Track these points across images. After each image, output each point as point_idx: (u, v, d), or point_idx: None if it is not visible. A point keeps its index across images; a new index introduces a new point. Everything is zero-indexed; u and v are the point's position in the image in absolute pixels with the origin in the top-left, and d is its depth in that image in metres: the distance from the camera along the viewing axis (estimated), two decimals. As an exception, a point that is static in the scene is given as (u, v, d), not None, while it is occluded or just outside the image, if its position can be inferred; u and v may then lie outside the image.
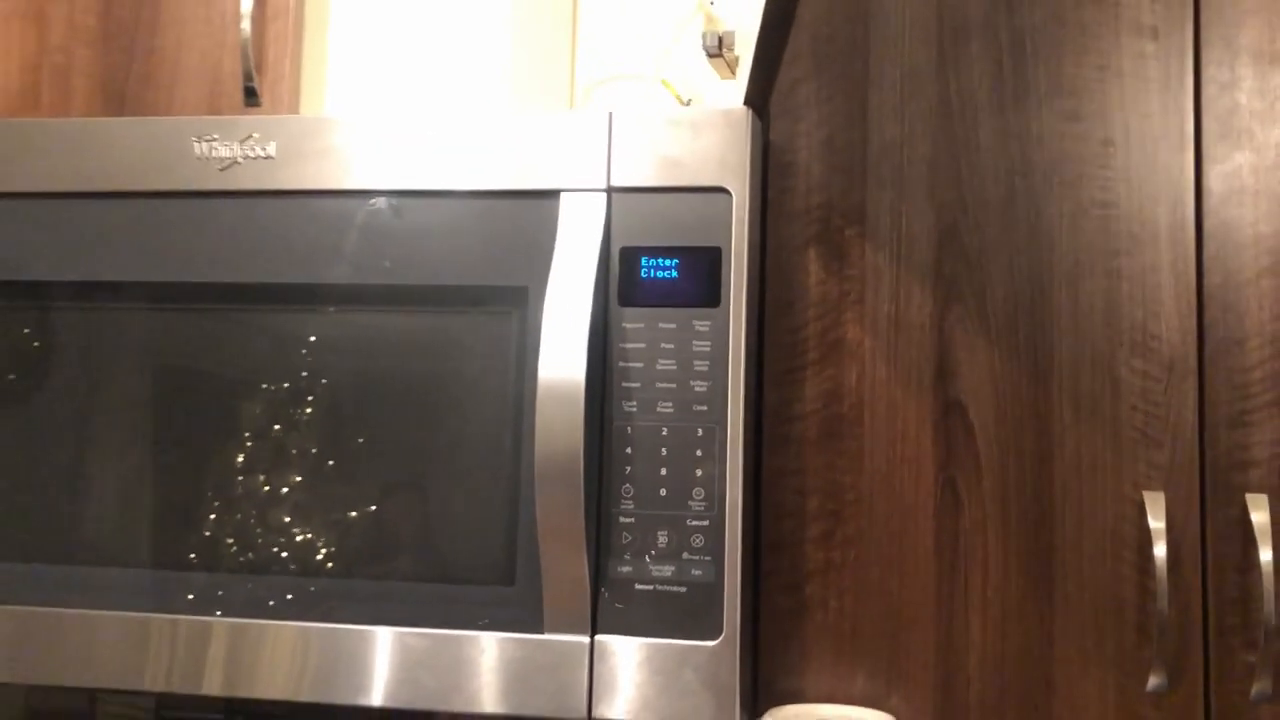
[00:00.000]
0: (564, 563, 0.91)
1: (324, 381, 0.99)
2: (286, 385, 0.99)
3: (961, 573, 0.99)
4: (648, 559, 0.92)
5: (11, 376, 1.03)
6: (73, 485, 1.01)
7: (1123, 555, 0.97)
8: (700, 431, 0.93)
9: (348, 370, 0.98)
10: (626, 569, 0.93)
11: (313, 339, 0.99)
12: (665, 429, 0.93)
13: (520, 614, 0.93)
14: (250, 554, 0.98)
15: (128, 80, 1.15)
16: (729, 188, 0.94)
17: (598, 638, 0.92)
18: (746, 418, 0.94)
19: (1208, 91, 0.99)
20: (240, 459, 0.99)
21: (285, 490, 0.98)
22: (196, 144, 1.01)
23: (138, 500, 0.99)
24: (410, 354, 0.98)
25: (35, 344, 1.03)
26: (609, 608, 0.93)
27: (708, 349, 0.93)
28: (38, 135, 1.04)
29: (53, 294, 1.03)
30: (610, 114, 0.96)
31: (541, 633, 0.93)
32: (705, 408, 0.93)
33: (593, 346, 0.93)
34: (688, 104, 1.33)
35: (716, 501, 0.92)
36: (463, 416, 0.97)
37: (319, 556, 0.98)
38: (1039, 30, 1.02)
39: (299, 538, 0.97)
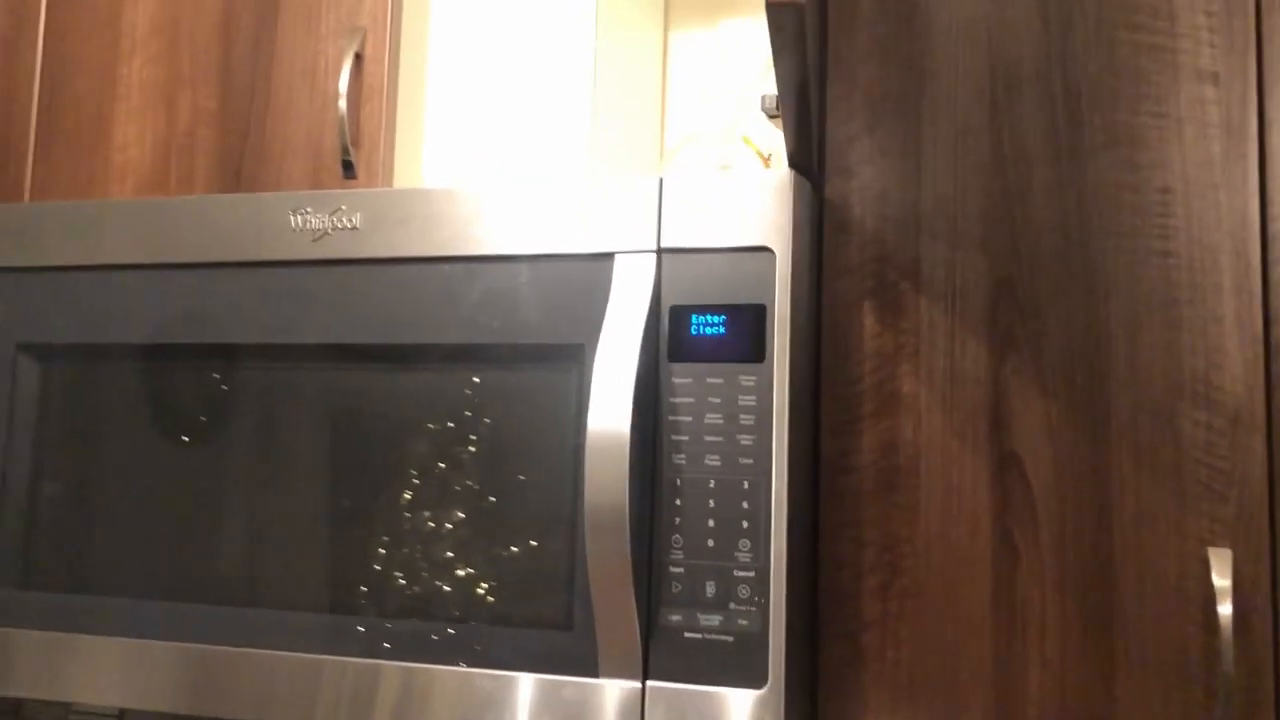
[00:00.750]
0: (616, 609, 0.95)
1: (399, 436, 1.06)
2: (370, 444, 1.07)
3: (1020, 626, 0.99)
4: (696, 607, 0.96)
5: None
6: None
7: (1188, 613, 0.94)
8: (746, 484, 0.96)
9: (417, 424, 1.05)
10: (676, 617, 0.96)
11: (389, 394, 1.07)
12: (713, 481, 0.96)
13: (577, 658, 0.98)
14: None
15: (243, 158, 1.26)
16: (772, 247, 0.97)
17: (649, 683, 0.96)
18: (791, 470, 0.96)
19: (1272, 136, 0.97)
20: (337, 507, 1.07)
21: (384, 540, 1.06)
22: (293, 217, 1.11)
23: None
24: (479, 409, 1.04)
25: (160, 402, 1.13)
26: (660, 654, 0.96)
27: (753, 403, 0.96)
28: (166, 212, 1.15)
29: (178, 355, 1.13)
30: (660, 179, 1.01)
31: (597, 676, 0.97)
32: (751, 460, 0.96)
33: (642, 401, 0.97)
34: (768, 158, 1.37)
35: (762, 552, 0.95)
36: (528, 467, 1.02)
37: (408, 603, 1.04)
38: (1094, 80, 1.02)
39: (403, 585, 1.05)
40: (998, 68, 1.05)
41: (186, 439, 1.12)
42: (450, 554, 1.03)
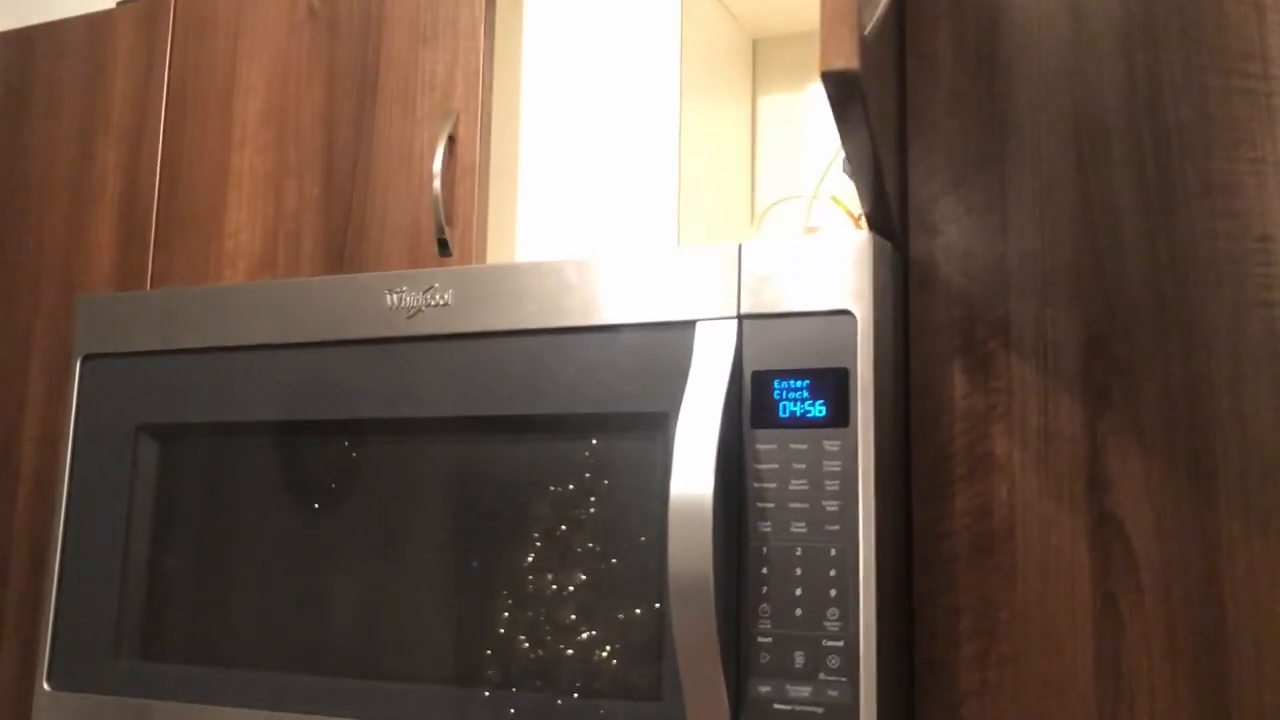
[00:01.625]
0: (703, 680, 0.94)
1: (484, 507, 1.08)
2: (455, 515, 1.09)
3: (1126, 698, 0.94)
4: (786, 678, 0.94)
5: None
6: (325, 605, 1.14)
7: (1310, 682, 0.89)
8: (833, 551, 0.94)
9: (507, 495, 1.07)
10: (766, 688, 0.95)
11: (480, 467, 1.09)
12: (799, 549, 0.95)
13: (668, 729, 0.97)
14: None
15: (345, 240, 1.31)
16: (853, 310, 0.97)
17: (740, 755, 0.95)
18: (879, 537, 0.94)
19: (1378, 177, 0.92)
20: (444, 580, 1.09)
21: (496, 613, 1.07)
22: (388, 295, 1.15)
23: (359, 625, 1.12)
24: (567, 478, 1.05)
25: (267, 477, 1.18)
26: (751, 725, 0.95)
27: (838, 468, 0.95)
28: (273, 294, 1.20)
29: (289, 430, 1.18)
30: (739, 246, 1.01)
31: (687, 748, 0.96)
32: (837, 527, 0.94)
33: (726, 468, 0.97)
34: (859, 218, 1.36)
35: (851, 621, 0.93)
36: (615, 539, 1.03)
37: (499, 674, 1.05)
38: (1185, 127, 0.99)
39: (489, 655, 1.06)
40: (1083, 119, 1.03)
41: (303, 511, 1.16)
42: (547, 630, 1.04)
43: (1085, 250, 1.01)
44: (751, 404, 0.99)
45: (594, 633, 1.02)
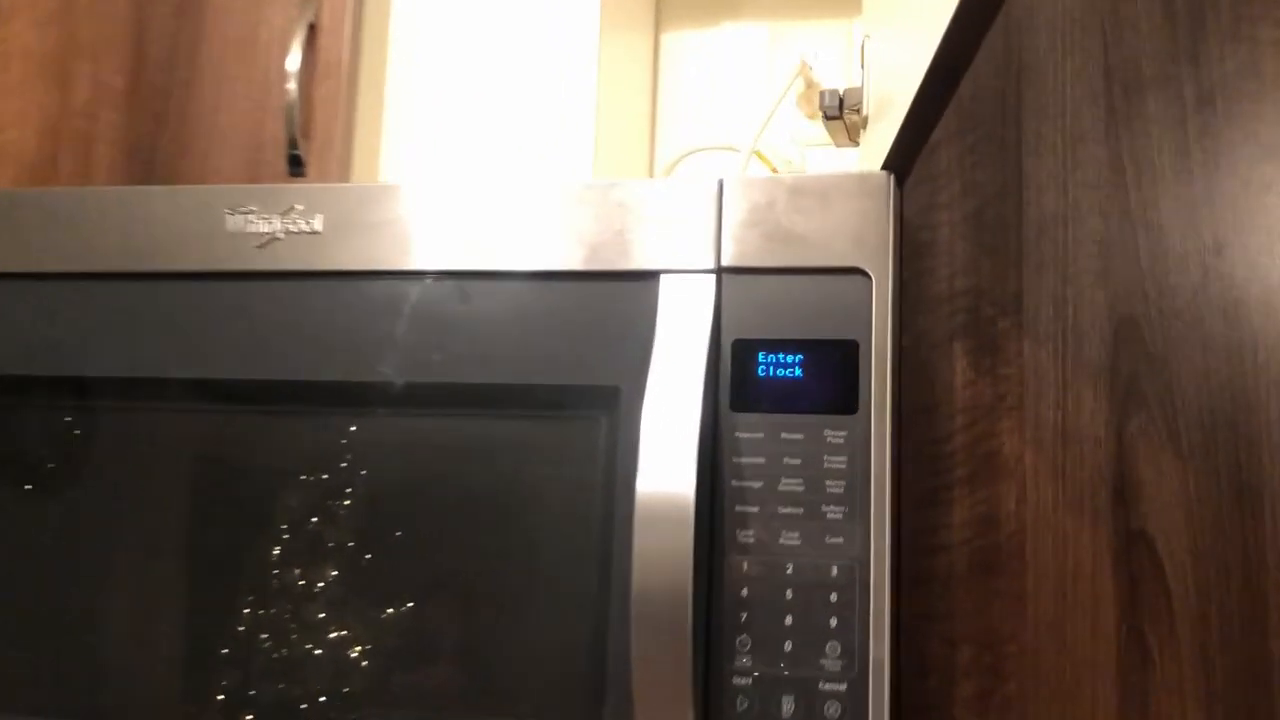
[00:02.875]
0: (665, 734, 0.72)
1: (369, 498, 0.82)
2: (325, 501, 0.82)
3: (1156, 749, 0.79)
4: (770, 731, 0.74)
5: (27, 485, 0.87)
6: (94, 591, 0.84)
7: (1364, 732, 0.76)
8: (835, 570, 0.75)
9: (397, 485, 0.82)
10: (742, 744, 0.74)
11: (355, 446, 0.83)
12: (790, 565, 0.75)
13: (607, 797, 0.75)
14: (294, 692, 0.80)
15: (156, 148, 1.01)
16: (868, 269, 0.77)
17: (707, 834, 0.73)
18: (897, 553, 0.75)
19: None
20: (259, 590, 0.82)
21: (317, 619, 0.81)
22: (230, 217, 0.86)
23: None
24: (475, 467, 0.81)
25: (40, 445, 0.87)
26: (720, 793, 0.74)
27: (843, 466, 0.75)
28: (55, 206, 0.89)
29: (58, 389, 0.87)
30: (721, 181, 0.80)
31: (636, 824, 0.74)
32: (841, 540, 0.75)
33: (700, 461, 0.75)
34: (787, 178, 1.17)
35: (857, 660, 0.74)
36: (537, 544, 0.79)
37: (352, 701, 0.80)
38: (1231, 84, 0.85)
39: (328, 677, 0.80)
40: (1114, 68, 0.88)
41: (95, 491, 0.86)
42: (432, 659, 0.79)
43: (1115, 218, 0.86)
44: (731, 381, 0.78)
45: (513, 662, 0.78)
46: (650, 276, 0.80)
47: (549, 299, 0.81)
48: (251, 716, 0.79)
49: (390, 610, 0.81)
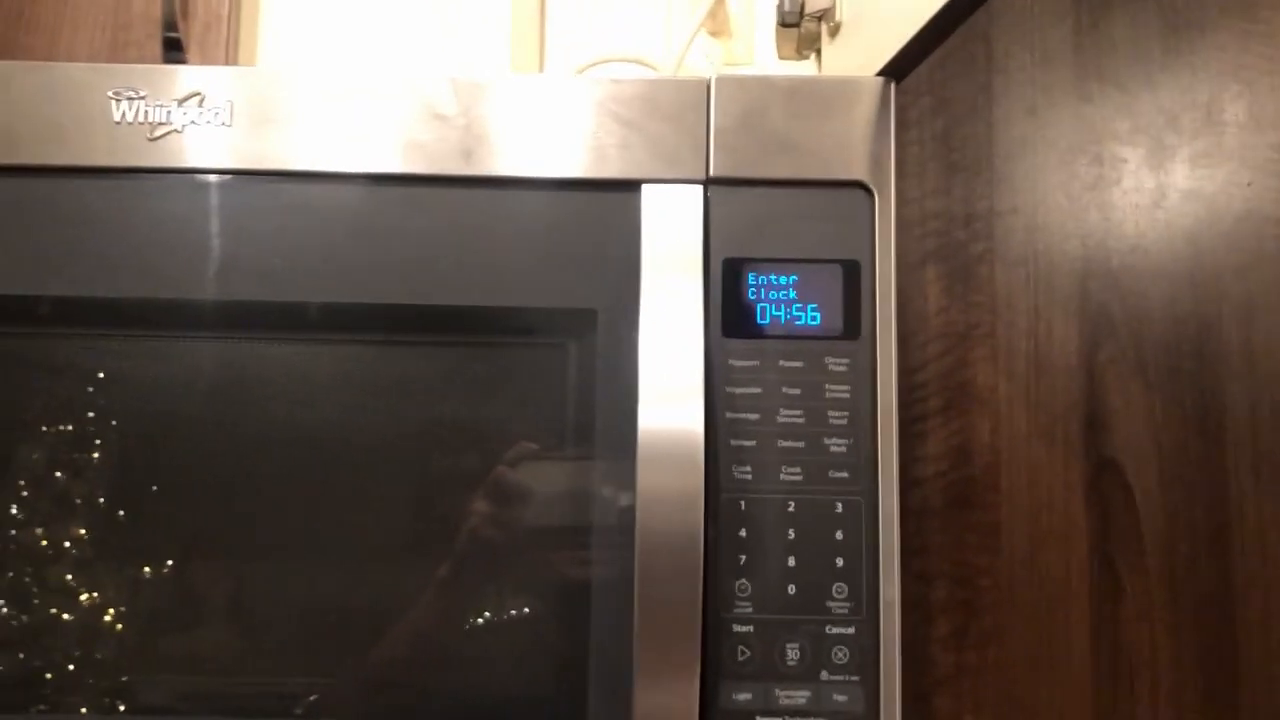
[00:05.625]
0: (666, 692, 0.66)
1: (301, 437, 0.70)
2: (246, 439, 0.70)
3: (1126, 675, 0.79)
4: (774, 680, 0.68)
5: None
6: None
7: (1318, 651, 0.79)
8: (840, 506, 0.69)
9: (334, 424, 0.71)
10: (745, 695, 0.68)
11: (272, 377, 0.71)
12: (792, 503, 0.69)
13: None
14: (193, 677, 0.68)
15: (-8, 21, 0.83)
16: (869, 184, 0.72)
17: (706, 793, 0.67)
18: (905, 486, 0.71)
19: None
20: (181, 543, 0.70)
21: (238, 585, 0.69)
22: (115, 103, 0.72)
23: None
24: (427, 402, 0.71)
25: None
26: (720, 750, 0.68)
27: (846, 396, 0.70)
28: None
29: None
30: (711, 80, 0.72)
31: (627, 787, 0.67)
32: (845, 474, 0.70)
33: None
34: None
35: (865, 600, 0.69)
36: (498, 490, 0.70)
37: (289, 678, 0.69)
38: (1196, 3, 0.84)
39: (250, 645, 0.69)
40: (1082, -16, 0.85)
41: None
42: (379, 619, 0.69)
43: (1083, 140, 0.84)
44: (723, 304, 0.71)
45: (475, 626, 0.69)
46: (630, 186, 0.71)
47: (507, 209, 0.72)
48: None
49: (329, 583, 0.70)
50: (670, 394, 0.66)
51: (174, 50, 0.82)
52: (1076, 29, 0.83)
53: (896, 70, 0.74)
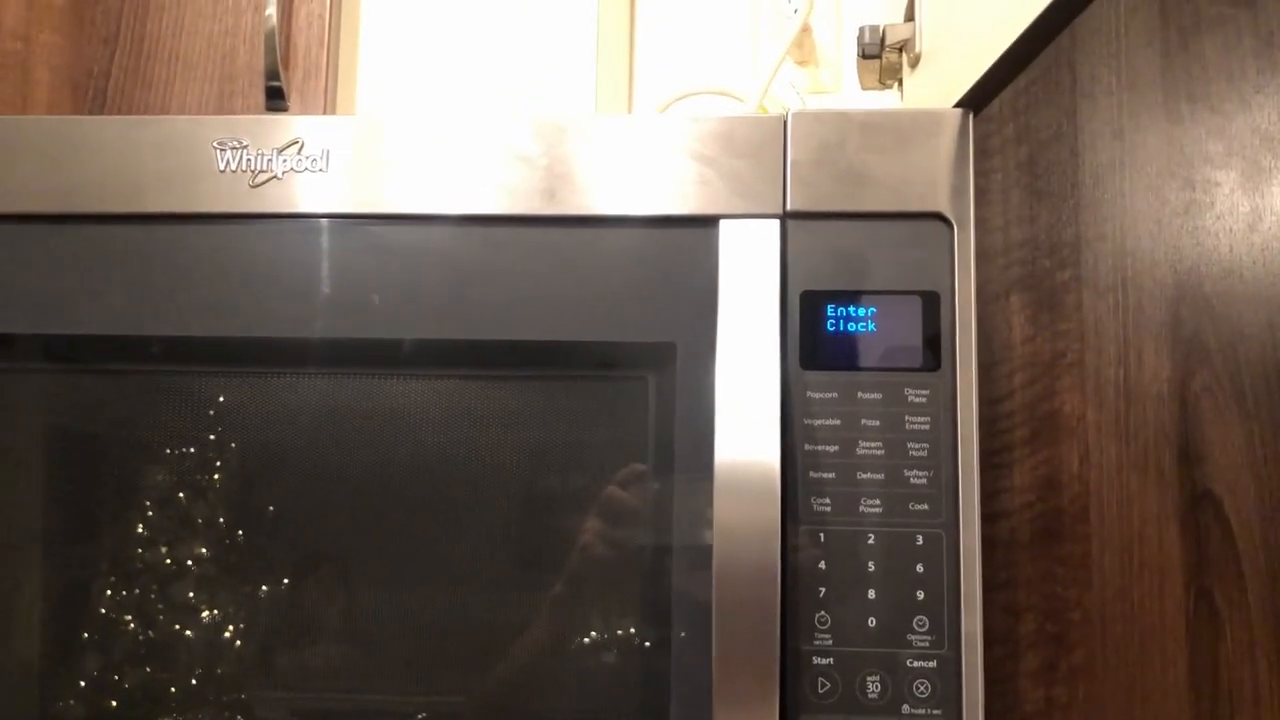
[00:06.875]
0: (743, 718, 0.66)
1: (401, 463, 0.73)
2: (350, 467, 0.73)
3: (1226, 714, 0.77)
4: (855, 713, 0.68)
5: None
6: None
7: None
8: (920, 539, 0.69)
9: (433, 451, 0.73)
10: (824, 727, 0.68)
11: (369, 411, 0.74)
12: (872, 536, 0.69)
13: (675, 790, 0.68)
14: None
15: (110, 74, 0.89)
16: (948, 215, 0.72)
17: (787, 825, 0.68)
18: (987, 519, 0.71)
19: None
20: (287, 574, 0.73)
21: (326, 619, 0.72)
22: (219, 152, 0.76)
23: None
24: (512, 435, 0.73)
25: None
26: (800, 782, 0.68)
27: (926, 428, 0.70)
28: (28, 137, 0.77)
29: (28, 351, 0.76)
30: (788, 115, 0.73)
31: (708, 817, 0.68)
32: (926, 506, 0.70)
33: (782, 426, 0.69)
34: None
35: (947, 634, 0.69)
36: (580, 519, 0.72)
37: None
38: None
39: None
40: (1170, 8, 0.84)
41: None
42: (454, 645, 0.72)
43: (1173, 164, 0.82)
44: (801, 337, 0.71)
45: (559, 654, 0.71)
46: (708, 222, 0.73)
47: (591, 247, 0.74)
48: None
49: (405, 618, 0.73)
50: (747, 425, 0.66)
51: (276, 99, 0.86)
52: (1165, 50, 0.82)
53: (975, 99, 0.74)
